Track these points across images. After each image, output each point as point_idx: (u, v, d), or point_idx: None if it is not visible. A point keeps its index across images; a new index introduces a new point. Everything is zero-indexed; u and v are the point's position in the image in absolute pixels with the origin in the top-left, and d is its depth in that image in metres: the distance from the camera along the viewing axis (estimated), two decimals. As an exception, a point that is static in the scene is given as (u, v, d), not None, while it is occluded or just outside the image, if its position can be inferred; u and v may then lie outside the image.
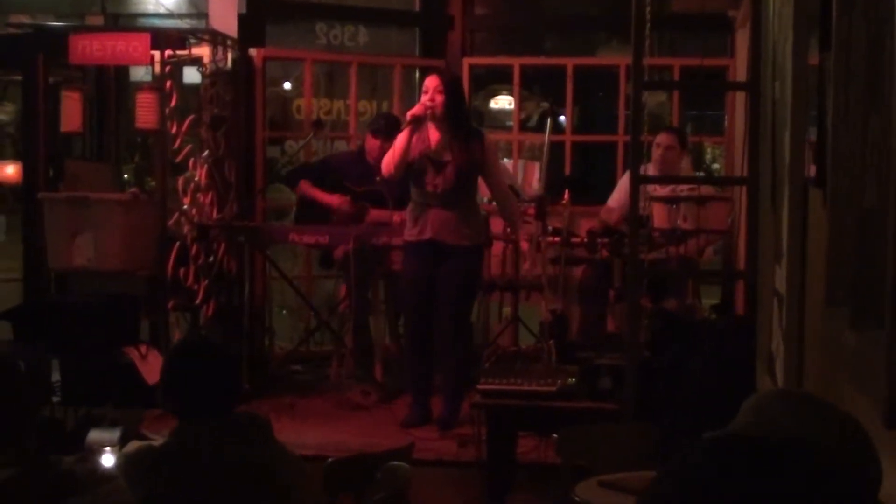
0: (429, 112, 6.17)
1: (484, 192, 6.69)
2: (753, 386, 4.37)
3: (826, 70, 2.97)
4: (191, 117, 6.99)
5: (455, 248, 6.21)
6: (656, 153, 6.96)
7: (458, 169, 6.19)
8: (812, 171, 3.29)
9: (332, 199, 7.13)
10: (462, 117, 6.32)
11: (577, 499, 3.81)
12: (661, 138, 7.04)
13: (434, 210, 6.23)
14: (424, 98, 6.23)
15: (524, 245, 6.95)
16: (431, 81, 6.27)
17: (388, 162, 6.27)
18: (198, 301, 6.91)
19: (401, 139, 6.23)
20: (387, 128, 7.02)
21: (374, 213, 7.00)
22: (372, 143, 7.11)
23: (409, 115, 6.29)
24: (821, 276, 2.88)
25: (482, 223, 6.44)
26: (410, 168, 6.25)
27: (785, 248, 3.53)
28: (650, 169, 6.88)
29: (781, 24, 3.84)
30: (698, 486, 1.51)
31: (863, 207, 2.38)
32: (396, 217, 6.78)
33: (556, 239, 6.70)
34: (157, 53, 6.73)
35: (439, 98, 6.17)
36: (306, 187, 7.26)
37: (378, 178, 6.77)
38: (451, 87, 6.26)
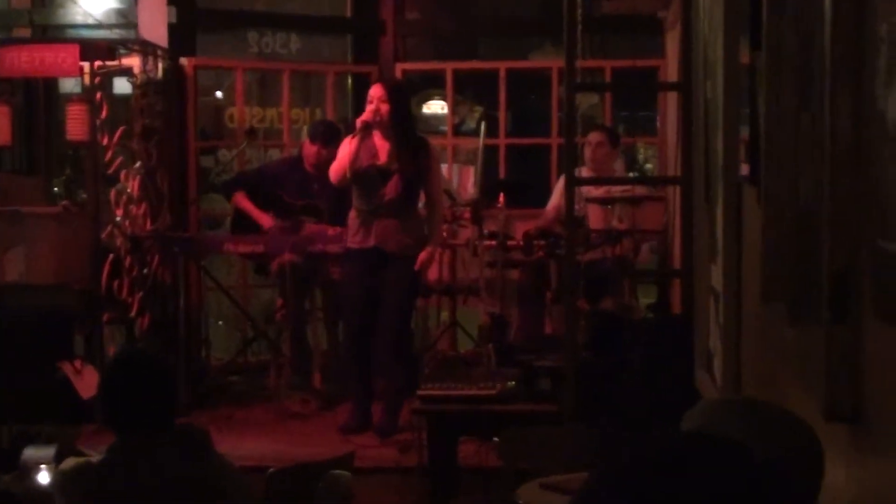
0: (376, 120, 6.16)
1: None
2: (691, 383, 4.40)
3: (757, 69, 3.00)
4: (122, 128, 6.91)
5: (397, 256, 6.20)
6: (587, 152, 7.01)
7: (404, 179, 6.18)
8: (745, 169, 3.33)
9: (264, 220, 7.06)
10: (408, 126, 6.32)
11: (519, 502, 3.81)
12: (592, 136, 7.10)
13: (379, 218, 6.21)
14: (370, 107, 6.21)
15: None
16: (376, 91, 6.26)
17: (336, 169, 6.25)
18: (133, 314, 6.83)
19: (349, 146, 6.21)
20: (325, 134, 7.01)
21: (310, 228, 6.96)
22: (310, 150, 7.08)
23: (358, 121, 6.26)
24: (756, 273, 2.91)
25: (423, 231, 6.41)
26: (356, 177, 6.23)
27: (720, 245, 3.56)
28: (584, 171, 6.92)
29: (712, 24, 3.88)
30: (628, 485, 1.51)
31: (797, 204, 2.41)
32: (331, 231, 6.76)
33: (493, 242, 6.72)
34: (86, 64, 6.65)
35: (384, 107, 6.16)
36: (241, 200, 7.21)
37: (316, 188, 6.75)
38: (395, 95, 6.25)
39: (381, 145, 6.25)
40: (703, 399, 2.28)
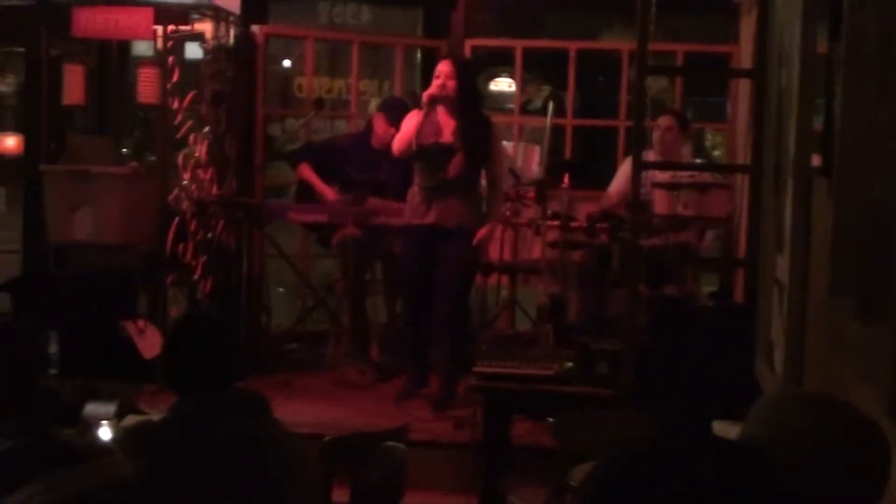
0: (442, 95, 6.16)
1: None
2: (751, 373, 4.37)
3: (835, 59, 2.96)
4: (192, 93, 6.97)
5: (455, 231, 6.21)
6: (656, 135, 6.97)
7: (468, 157, 6.18)
8: (817, 160, 3.29)
9: (328, 193, 7.11)
10: (473, 104, 6.31)
11: (572, 484, 3.81)
12: (661, 120, 7.04)
13: (441, 195, 6.23)
14: (436, 82, 6.21)
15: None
16: (444, 66, 6.27)
17: (401, 141, 6.28)
18: (196, 277, 6.90)
19: (413, 120, 6.22)
20: (396, 111, 6.99)
21: (372, 202, 6.98)
22: (380, 125, 7.09)
23: (425, 95, 6.28)
24: (823, 266, 2.88)
25: (482, 208, 6.41)
26: (420, 152, 6.24)
27: (788, 236, 3.53)
28: (651, 154, 6.88)
29: (789, 12, 3.84)
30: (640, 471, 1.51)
31: (870, 198, 2.38)
32: (395, 205, 6.78)
33: (556, 223, 6.70)
34: (159, 28, 6.71)
35: (451, 84, 6.17)
36: (306, 171, 7.25)
37: (382, 164, 6.77)
38: (462, 72, 6.25)
39: (445, 122, 6.25)
40: (772, 392, 2.27)
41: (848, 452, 1.67)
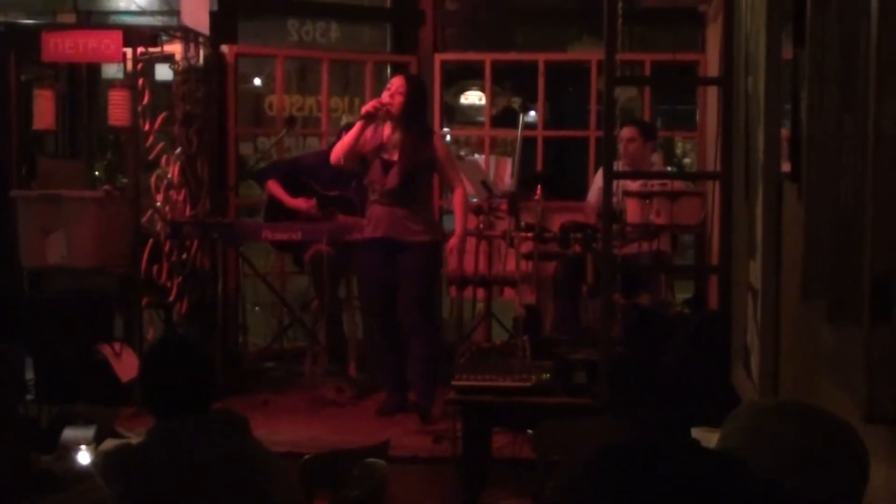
0: (382, 110, 6.23)
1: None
2: (728, 379, 4.40)
3: (800, 65, 2.99)
4: (163, 114, 6.96)
5: (410, 245, 6.32)
6: (620, 147, 7.00)
7: (403, 168, 6.26)
8: (787, 166, 3.32)
9: (299, 204, 7.17)
10: (417, 120, 6.39)
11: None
12: (624, 132, 7.07)
13: (384, 208, 6.36)
14: (384, 95, 6.35)
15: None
16: (396, 81, 6.45)
17: (337, 150, 6.42)
18: (171, 298, 6.88)
19: (351, 133, 6.36)
20: None
21: (343, 219, 7.02)
22: None
23: (362, 110, 6.43)
24: (795, 271, 2.90)
25: (435, 219, 6.56)
26: (362, 164, 6.39)
27: (759, 242, 3.55)
28: (619, 165, 6.91)
29: (754, 19, 3.87)
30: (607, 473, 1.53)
31: (839, 202, 2.40)
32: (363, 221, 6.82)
33: (529, 234, 6.72)
34: (129, 51, 6.70)
35: (398, 99, 6.29)
36: (274, 188, 7.29)
37: (350, 182, 6.84)
38: (413, 91, 6.36)
39: (389, 136, 6.37)
40: (748, 401, 2.28)
41: (827, 459, 1.68)
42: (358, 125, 6.34)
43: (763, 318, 3.46)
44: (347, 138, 6.36)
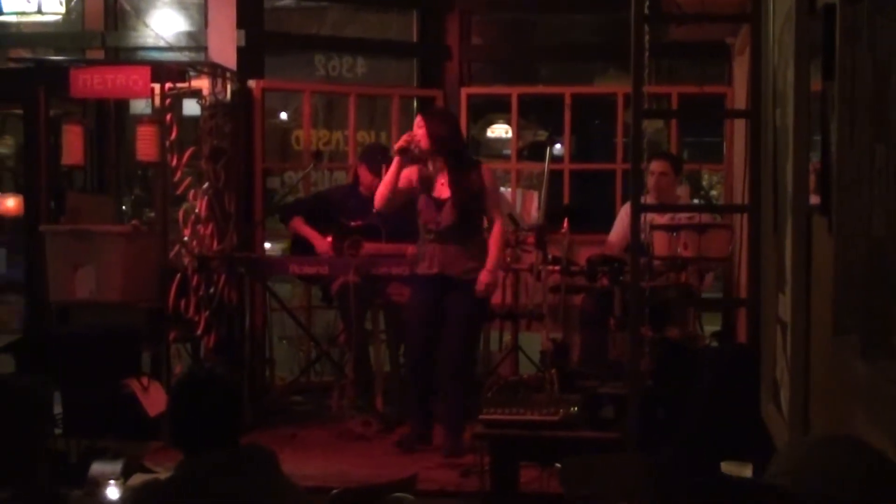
0: (413, 144, 6.21)
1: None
2: (757, 414, 4.36)
3: (829, 97, 2.98)
4: (191, 149, 7.00)
5: (462, 280, 6.26)
6: (650, 180, 6.98)
7: (456, 205, 6.22)
8: (816, 199, 3.30)
9: (320, 244, 7.14)
10: (455, 151, 6.34)
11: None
12: (655, 165, 7.05)
13: (438, 245, 6.30)
14: (405, 135, 6.34)
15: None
16: (417, 119, 6.44)
17: (379, 195, 6.37)
18: (199, 332, 6.90)
19: (390, 172, 6.30)
20: (370, 157, 7.10)
21: (368, 247, 7.01)
22: (363, 174, 7.16)
23: (395, 146, 6.38)
24: (826, 304, 2.88)
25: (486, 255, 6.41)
26: (410, 206, 6.33)
27: (789, 275, 3.53)
28: (647, 198, 6.89)
29: (782, 52, 3.86)
30: None
31: (870, 235, 2.38)
32: (388, 248, 6.82)
33: (556, 267, 6.70)
34: (157, 86, 6.75)
35: (420, 132, 6.23)
36: (299, 225, 7.29)
37: (375, 211, 6.84)
38: (433, 122, 6.32)
39: (433, 173, 6.32)
40: (803, 436, 2.26)
41: (870, 490, 1.66)
42: (396, 162, 6.31)
43: (793, 353, 3.43)
44: (386, 180, 6.33)
